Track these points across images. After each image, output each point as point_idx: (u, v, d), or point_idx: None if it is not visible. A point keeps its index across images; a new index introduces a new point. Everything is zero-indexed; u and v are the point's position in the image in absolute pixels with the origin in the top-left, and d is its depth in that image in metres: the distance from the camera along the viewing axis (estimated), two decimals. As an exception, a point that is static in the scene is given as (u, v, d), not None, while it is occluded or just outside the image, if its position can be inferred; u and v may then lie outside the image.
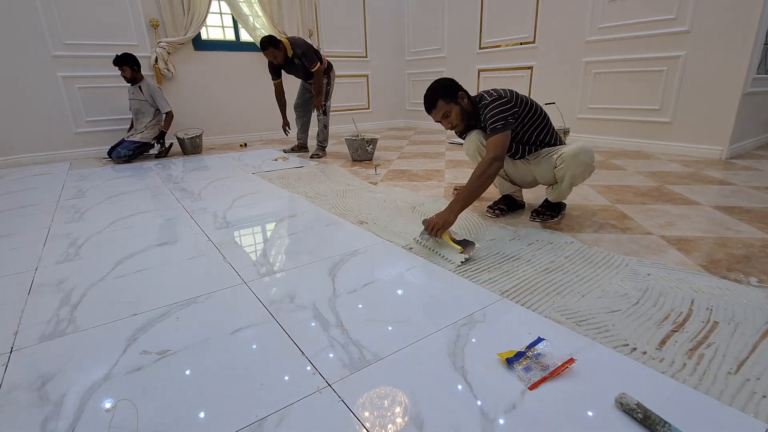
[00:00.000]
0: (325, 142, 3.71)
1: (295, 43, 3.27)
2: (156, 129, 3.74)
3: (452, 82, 1.67)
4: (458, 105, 1.66)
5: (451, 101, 1.64)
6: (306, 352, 0.95)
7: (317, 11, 4.92)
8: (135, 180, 2.91)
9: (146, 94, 3.59)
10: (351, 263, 1.43)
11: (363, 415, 0.77)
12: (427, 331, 1.02)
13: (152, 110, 3.66)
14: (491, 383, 0.84)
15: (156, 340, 1.02)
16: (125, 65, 3.46)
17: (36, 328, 1.10)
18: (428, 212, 1.95)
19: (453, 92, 1.65)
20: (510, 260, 1.42)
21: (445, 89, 1.64)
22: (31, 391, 0.86)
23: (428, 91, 1.66)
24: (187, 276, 1.38)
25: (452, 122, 1.68)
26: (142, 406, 0.80)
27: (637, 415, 0.72)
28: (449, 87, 1.65)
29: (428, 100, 1.66)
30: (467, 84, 4.90)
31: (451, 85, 1.66)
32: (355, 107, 5.62)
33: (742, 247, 1.50)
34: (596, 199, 2.13)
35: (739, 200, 2.04)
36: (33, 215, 2.13)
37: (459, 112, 1.66)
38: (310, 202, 2.21)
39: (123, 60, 3.44)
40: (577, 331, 1.01)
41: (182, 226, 1.88)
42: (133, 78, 3.53)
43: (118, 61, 3.43)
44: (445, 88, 1.65)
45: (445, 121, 1.68)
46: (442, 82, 1.66)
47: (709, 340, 0.96)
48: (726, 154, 2.99)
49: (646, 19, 3.20)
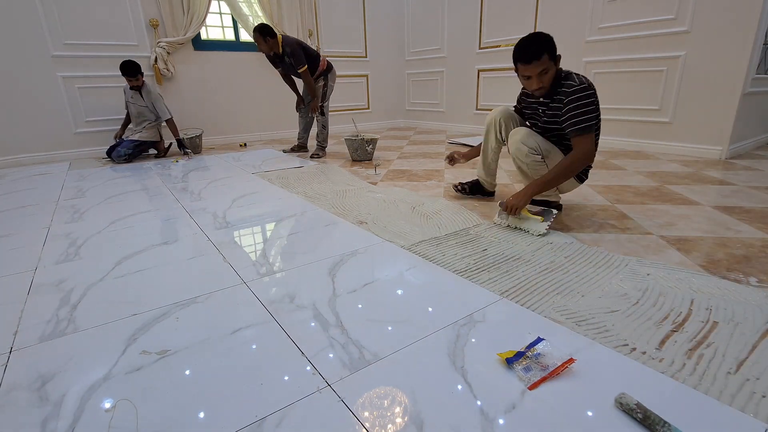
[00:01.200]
0: (325, 142, 3.71)
1: (286, 42, 3.29)
2: (155, 130, 3.72)
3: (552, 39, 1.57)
4: (556, 66, 1.59)
5: (552, 60, 1.56)
6: (306, 352, 0.95)
7: (317, 11, 4.92)
8: (135, 180, 2.91)
9: (147, 101, 3.56)
10: (351, 263, 1.43)
11: (363, 415, 0.77)
12: (427, 331, 1.02)
13: (153, 115, 3.65)
14: (491, 383, 0.84)
15: (156, 340, 1.02)
16: (139, 74, 3.46)
17: (36, 328, 1.10)
18: (428, 212, 1.95)
19: (555, 50, 1.56)
20: (510, 260, 1.42)
21: (552, 46, 1.55)
22: (31, 391, 0.86)
23: (535, 41, 1.54)
24: (187, 276, 1.38)
25: (544, 82, 1.59)
26: (142, 406, 0.80)
27: (636, 415, 0.72)
28: (553, 43, 1.56)
29: (534, 50, 1.54)
30: (468, 84, 4.93)
31: (553, 41, 1.56)
32: (355, 107, 5.62)
33: (741, 247, 1.50)
34: (596, 199, 2.13)
35: (739, 200, 2.04)
36: (33, 215, 2.13)
37: (553, 74, 1.59)
38: (310, 202, 2.21)
39: (137, 68, 3.42)
40: (577, 331, 1.01)
41: (182, 226, 1.88)
42: (140, 84, 3.53)
43: (133, 70, 3.39)
44: (550, 43, 1.55)
45: (537, 78, 1.58)
46: (549, 37, 1.56)
47: (709, 340, 0.96)
48: (726, 154, 2.99)
49: (646, 19, 3.20)
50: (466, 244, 1.57)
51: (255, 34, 3.26)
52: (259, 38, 3.25)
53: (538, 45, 1.54)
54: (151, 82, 3.94)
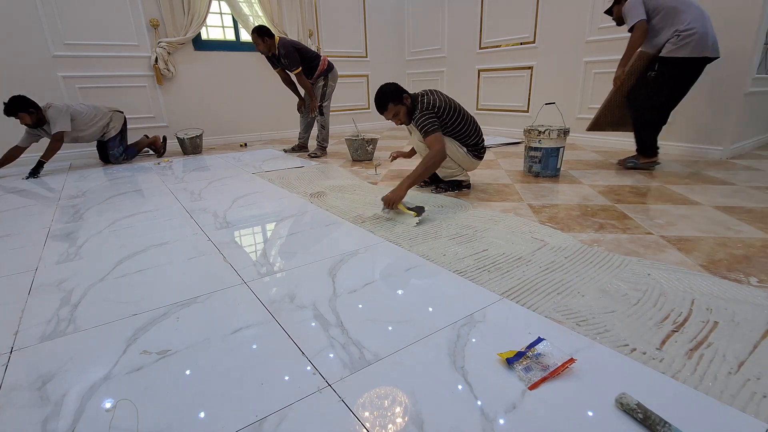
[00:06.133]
0: (325, 142, 3.71)
1: (281, 44, 3.32)
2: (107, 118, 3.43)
3: (396, 86, 2.02)
4: (404, 105, 2.02)
5: (398, 103, 2.01)
6: (306, 352, 0.95)
7: (317, 11, 4.92)
8: (135, 180, 2.91)
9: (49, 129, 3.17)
10: (351, 263, 1.43)
11: (363, 415, 0.77)
12: (427, 331, 1.02)
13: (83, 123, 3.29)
14: (491, 383, 0.84)
15: (156, 340, 1.02)
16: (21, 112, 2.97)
17: (36, 328, 1.10)
18: (428, 212, 1.95)
19: (398, 95, 2.00)
20: (510, 260, 1.42)
21: (392, 94, 2.00)
22: (32, 391, 0.86)
23: (378, 96, 2.01)
24: (188, 276, 1.38)
25: (401, 119, 2.06)
26: (143, 406, 0.80)
27: (637, 415, 0.72)
28: (395, 91, 2.00)
29: (379, 104, 2.01)
30: (468, 84, 4.93)
31: (395, 89, 2.01)
32: (355, 107, 5.62)
33: (742, 247, 1.50)
34: (596, 199, 2.13)
35: (740, 200, 2.04)
36: (33, 215, 2.13)
37: (405, 111, 2.04)
38: (310, 202, 2.21)
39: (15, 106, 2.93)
40: (577, 331, 1.01)
41: (182, 226, 1.88)
42: (39, 119, 3.09)
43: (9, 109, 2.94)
44: (391, 92, 2.00)
45: (395, 119, 2.06)
46: (389, 87, 2.01)
47: (710, 341, 0.96)
48: (726, 154, 2.99)
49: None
50: (466, 244, 1.57)
51: (253, 34, 3.28)
52: (257, 39, 3.27)
53: (383, 99, 2.00)
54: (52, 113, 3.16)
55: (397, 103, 2.01)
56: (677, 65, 2.43)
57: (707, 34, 2.37)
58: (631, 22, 2.47)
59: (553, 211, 1.94)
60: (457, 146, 2.19)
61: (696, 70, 2.46)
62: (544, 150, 2.53)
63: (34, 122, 3.08)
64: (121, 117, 3.58)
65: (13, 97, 2.99)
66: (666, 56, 2.43)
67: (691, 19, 2.36)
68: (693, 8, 2.39)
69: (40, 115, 3.10)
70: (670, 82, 2.49)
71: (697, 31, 2.35)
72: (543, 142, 2.52)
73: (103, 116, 3.43)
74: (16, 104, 2.98)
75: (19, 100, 2.99)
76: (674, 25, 2.40)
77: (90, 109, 3.37)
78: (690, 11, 2.38)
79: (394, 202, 1.88)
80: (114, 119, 3.51)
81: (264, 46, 3.31)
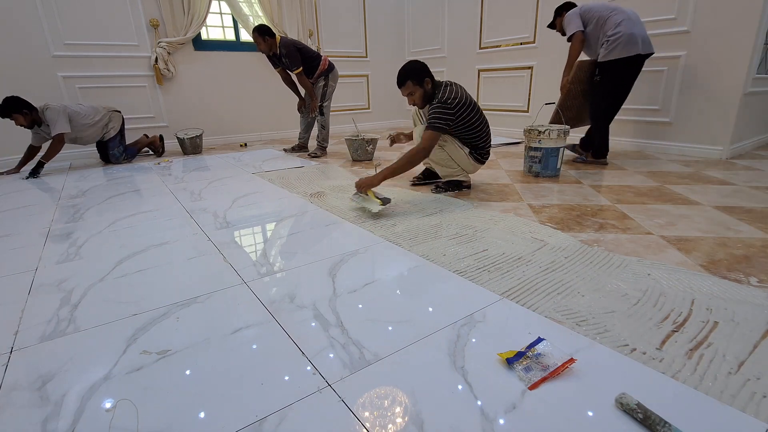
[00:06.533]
0: (325, 142, 3.71)
1: (282, 44, 3.33)
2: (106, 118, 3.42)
3: (423, 66, 1.99)
4: (422, 88, 2.02)
5: (417, 84, 2.00)
6: (306, 352, 0.95)
7: (317, 11, 4.92)
8: (135, 180, 2.91)
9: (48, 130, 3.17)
10: (351, 263, 1.43)
11: (363, 415, 0.77)
12: (427, 331, 1.02)
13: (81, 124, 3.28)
14: (491, 383, 0.84)
15: (156, 340, 1.02)
16: (14, 113, 2.95)
17: (36, 328, 1.10)
18: (427, 210, 1.95)
19: (420, 76, 1.99)
20: (510, 260, 1.42)
21: (415, 72, 1.98)
22: (32, 391, 0.86)
23: (402, 70, 2.00)
24: (188, 276, 1.38)
25: (415, 101, 2.06)
26: (143, 406, 0.80)
27: (637, 415, 0.72)
28: (419, 71, 1.99)
29: (400, 78, 2.02)
30: (468, 84, 4.92)
31: (421, 69, 1.99)
32: (355, 107, 5.62)
33: (742, 247, 1.50)
34: (596, 199, 2.13)
35: (740, 200, 2.04)
36: (33, 215, 2.13)
37: (422, 94, 2.03)
38: (310, 202, 2.21)
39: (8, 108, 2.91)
40: (577, 331, 1.01)
41: (182, 226, 1.88)
42: (33, 120, 3.07)
43: (2, 111, 2.93)
44: (415, 71, 1.98)
45: (409, 97, 2.06)
46: (414, 65, 1.99)
47: (710, 341, 0.96)
48: (726, 154, 2.99)
49: (646, 19, 3.19)
50: (466, 244, 1.57)
51: (254, 34, 3.29)
52: (258, 38, 3.28)
53: (403, 74, 2.00)
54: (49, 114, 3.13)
55: (416, 83, 1.99)
56: (613, 67, 2.66)
57: (634, 34, 2.56)
58: (569, 33, 2.77)
59: (553, 211, 1.94)
60: (458, 146, 2.17)
61: (632, 68, 2.66)
62: (544, 150, 2.53)
63: (29, 123, 3.05)
64: (119, 117, 3.57)
65: (6, 99, 2.97)
66: (602, 61, 2.68)
67: (617, 23, 2.59)
68: (619, 13, 2.62)
69: (35, 116, 3.07)
70: (612, 83, 2.72)
71: (623, 33, 2.56)
72: (543, 142, 2.52)
73: (102, 117, 3.41)
74: (9, 106, 2.96)
75: (12, 102, 2.97)
76: (604, 31, 2.66)
77: (88, 109, 3.36)
78: (616, 16, 2.61)
79: (364, 187, 1.96)
80: (113, 119, 3.50)
81: (265, 46, 3.31)
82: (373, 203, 1.90)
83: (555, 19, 2.96)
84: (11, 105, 2.96)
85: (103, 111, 3.44)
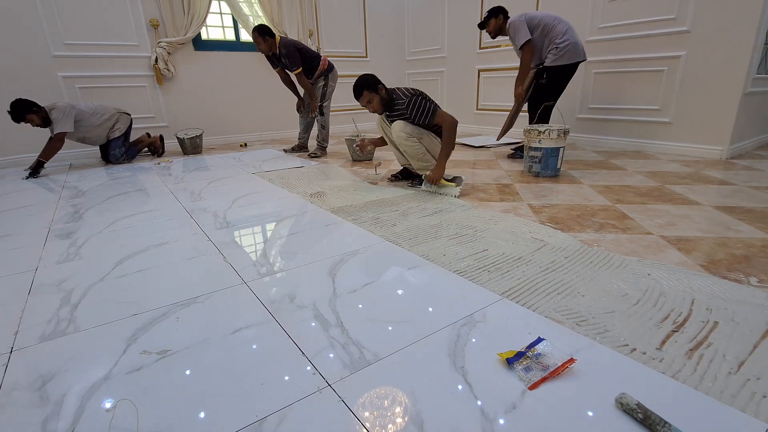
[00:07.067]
0: (325, 142, 3.71)
1: (282, 44, 3.33)
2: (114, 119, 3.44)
3: (373, 76, 2.23)
4: (378, 95, 2.23)
5: (372, 92, 2.22)
6: (306, 352, 0.95)
7: (317, 11, 4.92)
8: (135, 180, 2.91)
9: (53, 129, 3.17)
10: (351, 263, 1.43)
11: (363, 415, 0.77)
12: (427, 331, 1.02)
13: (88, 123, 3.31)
14: (491, 383, 0.84)
15: (156, 340, 1.02)
16: (28, 114, 2.97)
17: (36, 328, 1.10)
18: (426, 210, 1.96)
19: (374, 85, 2.21)
20: (510, 260, 1.42)
21: (369, 83, 2.21)
22: (32, 391, 0.86)
23: (354, 84, 2.22)
24: (188, 276, 1.38)
25: (374, 107, 2.27)
26: (143, 406, 0.80)
27: (637, 415, 0.72)
28: (371, 80, 2.21)
29: (355, 91, 2.23)
30: (468, 84, 4.92)
31: (372, 78, 2.22)
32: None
33: (742, 247, 1.50)
34: (596, 199, 2.13)
35: (740, 200, 2.04)
36: (33, 215, 2.13)
37: (380, 100, 2.24)
38: (310, 202, 2.21)
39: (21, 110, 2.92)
40: (577, 331, 1.01)
41: (182, 226, 1.88)
42: (44, 119, 3.09)
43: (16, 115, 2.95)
44: (368, 81, 2.21)
45: (368, 106, 2.26)
46: (366, 76, 2.22)
47: (710, 341, 0.96)
48: (726, 154, 2.99)
49: (647, 18, 3.20)
50: (466, 244, 1.57)
51: (254, 33, 3.29)
52: (258, 38, 3.28)
53: (357, 86, 2.21)
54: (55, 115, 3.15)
55: (372, 91, 2.21)
56: (560, 72, 2.94)
57: (577, 42, 2.88)
58: (520, 43, 2.93)
59: (553, 211, 1.94)
60: (433, 138, 2.33)
61: (573, 72, 3.00)
62: (544, 150, 2.53)
63: (42, 121, 3.08)
64: (127, 119, 3.59)
65: (14, 103, 2.96)
66: (551, 66, 2.92)
67: (563, 32, 2.85)
68: (562, 22, 2.89)
69: (44, 113, 3.09)
70: (556, 86, 3.01)
71: (570, 42, 2.84)
72: (543, 142, 2.52)
73: (110, 117, 3.43)
74: (21, 107, 2.96)
75: (23, 103, 2.97)
76: (550, 38, 2.89)
77: (97, 108, 3.39)
78: (560, 25, 2.87)
79: (437, 180, 2.22)
80: (120, 120, 3.52)
81: (265, 46, 3.31)
82: (450, 188, 2.20)
83: (489, 20, 3.09)
84: (23, 107, 2.97)
85: (111, 111, 3.46)
